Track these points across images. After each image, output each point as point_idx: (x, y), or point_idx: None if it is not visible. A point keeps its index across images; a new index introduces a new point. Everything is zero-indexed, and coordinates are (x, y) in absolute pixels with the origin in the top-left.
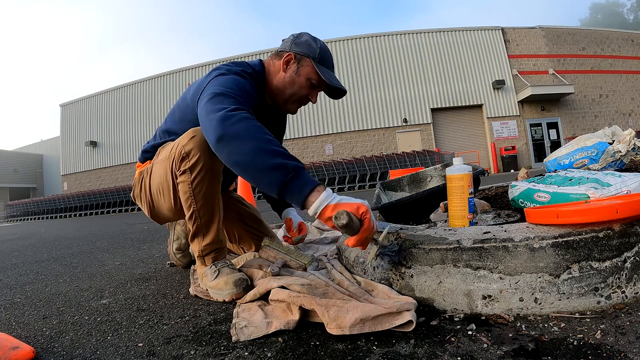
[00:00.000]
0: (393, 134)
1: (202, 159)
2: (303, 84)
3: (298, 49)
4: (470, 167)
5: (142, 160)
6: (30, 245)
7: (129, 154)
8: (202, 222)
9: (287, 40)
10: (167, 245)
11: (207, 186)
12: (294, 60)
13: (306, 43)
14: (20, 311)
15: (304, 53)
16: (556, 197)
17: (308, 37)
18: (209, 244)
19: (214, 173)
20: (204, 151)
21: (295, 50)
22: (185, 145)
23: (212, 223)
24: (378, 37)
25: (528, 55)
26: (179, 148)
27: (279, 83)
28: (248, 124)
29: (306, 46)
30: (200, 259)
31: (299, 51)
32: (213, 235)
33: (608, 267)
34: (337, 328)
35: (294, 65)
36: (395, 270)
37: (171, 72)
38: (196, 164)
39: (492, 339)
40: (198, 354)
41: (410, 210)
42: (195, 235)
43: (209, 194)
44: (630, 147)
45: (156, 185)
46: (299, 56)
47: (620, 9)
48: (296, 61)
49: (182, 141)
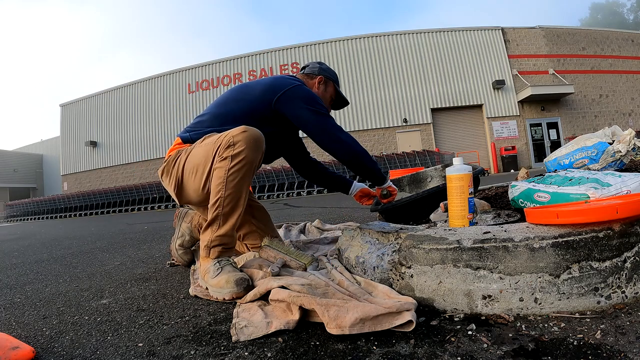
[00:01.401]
0: (393, 134)
1: (245, 151)
2: (327, 99)
3: (326, 74)
4: (470, 167)
5: (184, 140)
6: (30, 245)
7: (129, 154)
8: (224, 211)
9: (312, 66)
10: (170, 242)
11: (240, 177)
12: (324, 81)
13: (329, 70)
14: (20, 311)
15: (329, 77)
16: (556, 197)
17: (326, 66)
18: (222, 235)
19: (251, 169)
20: (250, 146)
21: (324, 74)
22: (235, 136)
23: (233, 215)
24: (378, 37)
25: (528, 55)
26: (227, 137)
27: None
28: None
29: (330, 73)
30: (206, 249)
31: (327, 75)
32: (228, 228)
33: (608, 267)
34: (337, 328)
35: (324, 85)
36: (395, 270)
37: (171, 72)
38: (239, 154)
39: (492, 339)
40: (198, 354)
41: (410, 210)
42: (211, 223)
43: (239, 185)
44: (630, 147)
45: (192, 164)
46: (325, 79)
47: (620, 9)
48: (324, 83)
49: (233, 132)
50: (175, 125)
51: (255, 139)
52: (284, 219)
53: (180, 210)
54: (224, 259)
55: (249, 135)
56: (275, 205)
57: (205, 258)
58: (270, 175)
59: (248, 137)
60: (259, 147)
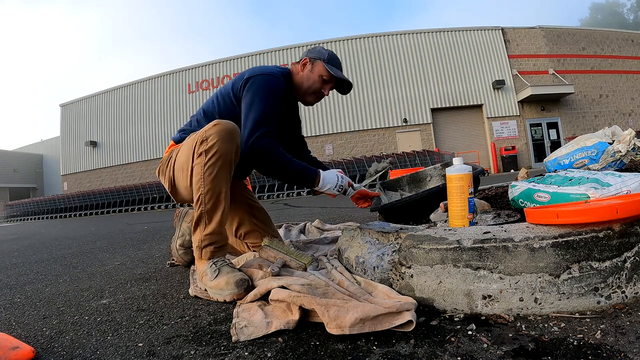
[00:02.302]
0: (393, 134)
1: (218, 144)
2: (316, 79)
3: (312, 54)
4: (470, 167)
5: (176, 141)
6: (30, 245)
7: (129, 154)
8: (207, 208)
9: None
10: (170, 242)
11: (217, 171)
12: (309, 62)
13: (318, 50)
14: (20, 311)
15: (316, 57)
16: (556, 197)
17: (320, 47)
18: (210, 233)
19: (227, 161)
20: (222, 138)
21: (309, 55)
22: (207, 130)
23: (216, 211)
24: (378, 37)
25: (528, 55)
26: (201, 133)
27: (298, 80)
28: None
29: (317, 52)
30: (198, 250)
31: (313, 56)
32: (215, 225)
33: (608, 267)
34: (337, 328)
35: (309, 65)
36: (395, 270)
37: (171, 72)
38: (212, 147)
39: (492, 339)
40: (198, 354)
41: (410, 210)
42: (198, 222)
43: (217, 180)
44: (630, 147)
45: (179, 163)
46: (312, 59)
47: (620, 9)
48: (310, 63)
49: (206, 127)
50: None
51: (227, 130)
52: (284, 219)
53: (180, 210)
54: (220, 260)
55: (221, 128)
56: (275, 205)
57: (199, 260)
58: None
59: (219, 129)
60: (231, 138)
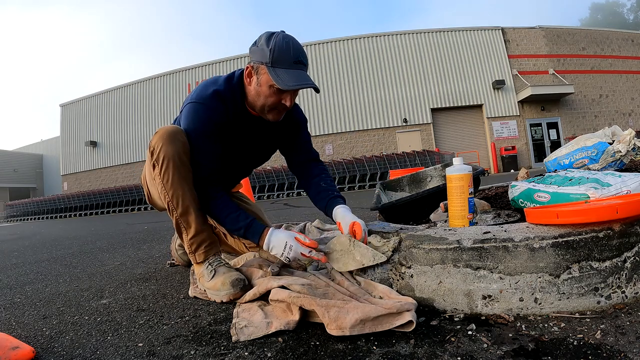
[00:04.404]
0: (393, 134)
1: (162, 150)
2: (267, 93)
3: (253, 57)
4: (470, 167)
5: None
6: (30, 245)
7: (129, 154)
8: (179, 213)
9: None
10: (170, 242)
11: (171, 176)
12: (252, 71)
13: (259, 49)
14: (20, 311)
15: (258, 61)
16: (556, 197)
17: (263, 40)
18: (193, 236)
19: (175, 162)
20: (165, 142)
21: (252, 60)
22: (152, 141)
23: (189, 214)
24: (378, 37)
25: (528, 55)
26: (149, 145)
27: (250, 98)
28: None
29: (259, 52)
30: (191, 255)
31: (255, 60)
32: (195, 226)
33: (608, 267)
34: (338, 329)
35: (255, 76)
36: (395, 270)
37: (171, 72)
38: (159, 155)
39: (492, 339)
40: (198, 354)
41: (410, 210)
42: (179, 230)
43: (177, 182)
44: (630, 147)
45: (147, 177)
46: (255, 66)
47: (620, 9)
48: (254, 71)
49: (152, 139)
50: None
51: (167, 134)
52: (284, 219)
53: None
54: (215, 260)
55: (161, 134)
56: (275, 205)
57: (196, 264)
58: (270, 175)
59: (160, 135)
60: (173, 139)
